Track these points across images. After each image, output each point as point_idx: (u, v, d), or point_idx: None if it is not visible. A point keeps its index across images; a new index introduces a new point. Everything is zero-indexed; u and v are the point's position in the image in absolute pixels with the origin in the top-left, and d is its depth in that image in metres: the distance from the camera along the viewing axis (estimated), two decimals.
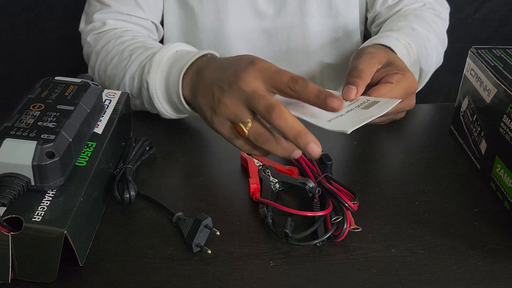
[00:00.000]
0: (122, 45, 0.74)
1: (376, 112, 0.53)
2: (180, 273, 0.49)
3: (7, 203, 0.45)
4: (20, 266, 0.46)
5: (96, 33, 0.79)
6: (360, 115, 0.53)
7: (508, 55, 0.64)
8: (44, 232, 0.45)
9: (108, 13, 0.80)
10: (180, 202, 0.58)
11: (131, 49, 0.71)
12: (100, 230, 0.54)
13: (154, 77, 0.64)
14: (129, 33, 0.77)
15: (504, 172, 0.57)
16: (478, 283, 0.49)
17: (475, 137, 0.65)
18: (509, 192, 0.57)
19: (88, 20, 0.81)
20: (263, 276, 0.49)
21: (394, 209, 0.58)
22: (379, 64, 0.60)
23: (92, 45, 0.78)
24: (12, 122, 0.50)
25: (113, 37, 0.76)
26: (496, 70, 0.61)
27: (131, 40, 0.74)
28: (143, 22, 0.82)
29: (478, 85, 0.64)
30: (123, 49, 0.73)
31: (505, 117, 0.57)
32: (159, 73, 0.64)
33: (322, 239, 0.52)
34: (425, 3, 0.88)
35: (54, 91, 0.55)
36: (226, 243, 0.53)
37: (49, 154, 0.47)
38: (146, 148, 0.64)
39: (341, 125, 0.51)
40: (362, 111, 0.54)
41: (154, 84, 0.64)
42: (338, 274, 0.50)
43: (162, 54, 0.65)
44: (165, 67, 0.64)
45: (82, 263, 0.48)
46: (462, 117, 0.68)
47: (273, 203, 0.54)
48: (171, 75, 0.62)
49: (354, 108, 0.55)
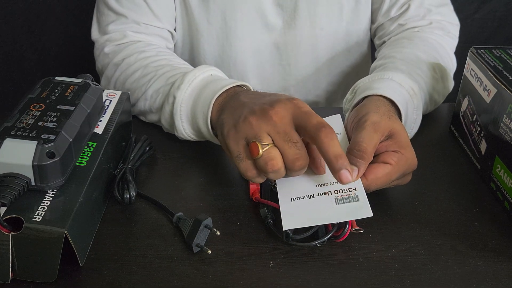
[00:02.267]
0: (145, 60, 0.73)
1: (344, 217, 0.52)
2: (180, 273, 0.49)
3: (7, 203, 0.45)
4: (20, 266, 0.46)
5: (116, 44, 0.77)
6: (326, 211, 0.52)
7: (508, 55, 0.64)
8: (44, 232, 0.45)
9: (125, 24, 0.78)
10: (180, 202, 0.58)
11: (156, 66, 0.71)
12: (100, 230, 0.54)
13: (183, 93, 0.63)
14: (152, 48, 0.76)
15: (504, 172, 0.57)
16: (478, 283, 0.49)
17: (475, 137, 0.64)
18: (509, 192, 0.57)
19: (102, 30, 0.80)
20: (263, 276, 0.49)
21: (394, 209, 0.58)
22: (382, 137, 0.56)
23: (110, 57, 0.77)
24: (13, 122, 0.50)
25: (135, 51, 0.75)
26: (496, 70, 0.61)
27: (155, 56, 0.74)
28: (160, 31, 0.81)
29: (478, 85, 0.64)
30: (146, 64, 0.72)
31: (505, 117, 0.57)
32: (189, 90, 0.63)
33: (323, 240, 0.52)
34: (432, 21, 0.83)
35: (54, 91, 0.55)
36: (226, 243, 0.53)
37: (49, 154, 0.47)
38: (146, 148, 0.64)
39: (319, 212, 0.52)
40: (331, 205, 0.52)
41: (181, 99, 0.63)
42: (338, 274, 0.50)
43: (196, 73, 0.64)
44: (197, 87, 0.63)
45: (82, 263, 0.49)
46: (462, 117, 0.68)
47: (274, 204, 0.54)
48: (202, 95, 0.62)
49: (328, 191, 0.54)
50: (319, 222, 0.52)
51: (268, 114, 0.52)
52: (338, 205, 0.52)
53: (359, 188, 0.53)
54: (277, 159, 0.51)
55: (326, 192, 0.53)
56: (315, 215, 0.52)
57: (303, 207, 0.53)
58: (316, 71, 0.90)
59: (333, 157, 0.50)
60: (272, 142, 0.52)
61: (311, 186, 0.54)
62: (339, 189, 0.53)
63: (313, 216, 0.52)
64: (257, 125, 0.52)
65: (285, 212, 0.52)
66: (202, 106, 0.61)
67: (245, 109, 0.54)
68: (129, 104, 0.66)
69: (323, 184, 0.54)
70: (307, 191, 0.54)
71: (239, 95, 0.59)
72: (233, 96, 0.60)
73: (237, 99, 0.58)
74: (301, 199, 0.53)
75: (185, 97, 0.63)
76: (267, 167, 0.51)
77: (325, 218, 0.52)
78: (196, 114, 0.62)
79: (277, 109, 0.52)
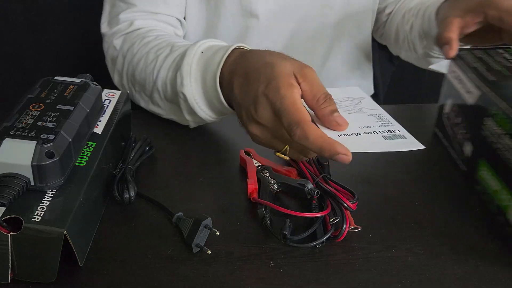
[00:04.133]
0: (146, 46, 0.72)
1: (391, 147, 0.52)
2: (180, 273, 0.49)
3: (7, 203, 0.45)
4: (19, 266, 0.46)
5: (123, 34, 0.77)
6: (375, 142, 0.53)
7: (489, 56, 0.63)
8: (43, 232, 0.45)
9: (135, 12, 0.78)
10: (180, 202, 0.58)
11: (156, 50, 0.70)
12: (100, 230, 0.54)
13: (190, 89, 0.63)
14: (153, 33, 0.76)
15: (490, 175, 0.56)
16: (478, 283, 0.49)
17: (459, 140, 0.63)
18: (494, 195, 0.56)
19: (112, 21, 0.79)
20: (263, 276, 0.49)
21: (394, 209, 0.58)
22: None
23: (118, 48, 0.77)
24: (12, 122, 0.49)
25: (137, 38, 0.75)
26: (477, 72, 0.59)
27: (154, 40, 0.73)
28: (169, 19, 0.81)
29: (460, 87, 0.63)
30: (148, 51, 0.71)
31: (488, 120, 0.56)
32: (193, 82, 0.63)
33: (321, 241, 0.52)
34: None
35: (53, 91, 0.55)
36: (226, 243, 0.53)
37: (48, 154, 0.47)
38: (146, 148, 0.64)
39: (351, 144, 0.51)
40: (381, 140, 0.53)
41: (192, 95, 0.63)
42: (338, 275, 0.50)
43: (189, 60, 0.63)
44: (198, 75, 0.63)
45: (81, 263, 0.48)
46: (447, 119, 0.67)
47: (271, 204, 0.54)
48: (207, 83, 0.62)
49: (374, 131, 0.54)
50: (378, 148, 0.52)
51: (253, 124, 0.55)
52: (387, 140, 0.53)
53: (402, 129, 0.55)
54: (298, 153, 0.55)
55: (372, 131, 0.54)
56: (369, 144, 0.52)
57: (352, 139, 0.52)
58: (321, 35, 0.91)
59: (319, 152, 0.49)
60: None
61: (355, 127, 0.54)
62: (383, 130, 0.54)
63: (367, 144, 0.52)
64: (258, 139, 0.56)
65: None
66: (212, 93, 0.62)
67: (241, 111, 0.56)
68: (128, 104, 0.65)
69: (366, 126, 0.55)
70: (352, 130, 0.53)
71: (234, 80, 0.58)
72: (230, 74, 0.59)
73: (232, 89, 0.58)
74: (348, 136, 0.52)
75: (194, 91, 0.63)
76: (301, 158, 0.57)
77: (380, 147, 0.52)
78: (212, 101, 0.63)
79: (259, 114, 0.53)
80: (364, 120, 0.56)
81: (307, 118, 0.49)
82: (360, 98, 0.61)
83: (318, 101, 0.52)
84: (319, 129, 0.49)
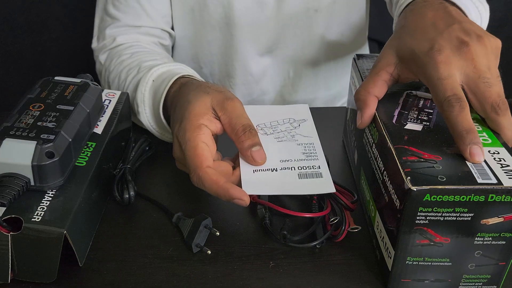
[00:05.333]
0: (121, 65, 0.74)
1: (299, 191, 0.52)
2: (180, 273, 0.49)
3: (7, 203, 0.45)
4: (19, 266, 0.46)
5: (107, 49, 0.79)
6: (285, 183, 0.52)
7: None
8: (43, 232, 0.45)
9: (118, 28, 0.79)
10: (180, 202, 0.58)
11: (128, 70, 0.72)
12: (100, 230, 0.54)
13: (145, 116, 0.66)
14: (130, 50, 0.77)
15: (365, 185, 0.55)
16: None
17: (352, 147, 0.62)
18: (367, 205, 0.54)
19: (100, 36, 0.81)
20: (263, 276, 0.49)
21: None
22: None
23: (102, 64, 0.79)
24: (12, 122, 0.50)
25: (115, 56, 0.77)
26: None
27: (129, 58, 0.74)
28: (153, 31, 0.82)
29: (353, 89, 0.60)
30: (121, 70, 0.73)
31: (366, 128, 0.54)
32: (147, 110, 0.66)
33: (321, 241, 0.52)
34: None
35: (53, 91, 0.55)
36: (226, 243, 0.53)
37: (48, 154, 0.47)
38: (145, 148, 0.64)
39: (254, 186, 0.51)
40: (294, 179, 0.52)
41: (148, 122, 0.66)
42: (338, 274, 0.50)
43: (142, 89, 0.66)
44: (150, 103, 0.66)
45: (81, 263, 0.49)
46: (348, 126, 0.66)
47: (271, 204, 0.54)
48: (157, 113, 0.64)
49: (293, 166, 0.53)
50: (280, 192, 0.52)
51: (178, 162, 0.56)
52: (301, 179, 0.52)
53: (322, 165, 0.53)
54: None
55: (290, 167, 0.53)
56: (277, 185, 0.51)
57: (265, 177, 0.52)
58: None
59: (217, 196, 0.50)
60: None
61: (275, 161, 0.54)
62: (302, 165, 0.53)
63: (275, 185, 0.51)
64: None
65: (246, 180, 0.51)
66: (163, 122, 0.64)
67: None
68: (128, 104, 0.66)
69: (287, 160, 0.54)
70: (270, 165, 0.53)
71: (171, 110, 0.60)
72: (171, 106, 0.61)
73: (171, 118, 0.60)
74: (263, 171, 0.53)
75: (148, 117, 0.66)
76: None
77: (287, 189, 0.52)
78: (165, 127, 0.65)
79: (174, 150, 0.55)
80: (289, 152, 0.55)
81: (203, 164, 0.50)
82: (302, 120, 0.60)
83: (237, 134, 0.53)
84: (215, 175, 0.50)
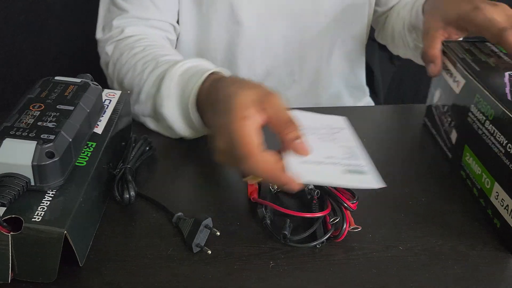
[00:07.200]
0: (134, 58, 0.73)
1: (347, 183, 0.53)
2: (180, 273, 0.49)
3: (7, 203, 0.45)
4: (20, 266, 0.46)
5: (114, 40, 0.77)
6: (332, 175, 0.53)
7: (477, 48, 0.66)
8: (44, 232, 0.45)
9: (126, 19, 0.78)
10: (180, 202, 0.58)
11: (143, 64, 0.71)
12: (100, 230, 0.54)
13: (169, 111, 0.65)
14: (142, 43, 0.76)
15: (473, 160, 0.59)
16: (478, 283, 0.49)
17: (446, 128, 0.66)
18: (477, 179, 0.58)
19: (106, 27, 0.80)
20: (263, 276, 0.49)
21: (394, 209, 0.58)
22: None
23: (110, 55, 0.77)
24: (12, 122, 0.50)
25: (126, 48, 0.75)
26: (464, 62, 0.62)
27: (142, 52, 0.73)
28: (161, 24, 0.81)
29: (448, 77, 0.66)
30: (135, 63, 0.72)
31: (472, 107, 0.59)
32: (172, 104, 0.65)
33: (321, 241, 0.52)
34: None
35: (53, 91, 0.55)
36: (226, 243, 0.53)
37: (49, 154, 0.47)
38: (146, 148, 0.64)
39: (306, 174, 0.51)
40: (339, 173, 0.53)
41: (171, 116, 0.65)
42: (338, 274, 0.50)
43: (168, 83, 0.65)
44: (177, 98, 0.64)
45: (82, 263, 0.48)
46: (435, 109, 0.71)
47: (272, 204, 0.54)
48: (184, 107, 0.64)
49: (338, 162, 0.55)
50: (328, 183, 0.52)
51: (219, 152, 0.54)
52: (346, 174, 0.53)
53: (368, 165, 0.55)
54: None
55: (335, 163, 0.54)
56: (324, 177, 0.52)
57: (311, 169, 0.52)
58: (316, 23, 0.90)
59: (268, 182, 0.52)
60: None
61: (319, 156, 0.54)
62: (347, 163, 0.54)
63: (321, 177, 0.52)
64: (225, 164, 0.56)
65: (292, 170, 0.51)
66: (193, 117, 0.63)
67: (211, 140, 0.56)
68: (129, 103, 0.65)
69: (331, 156, 0.55)
70: (315, 158, 0.54)
71: (205, 111, 0.61)
72: (203, 104, 0.61)
73: (205, 114, 0.61)
74: (309, 164, 0.53)
75: (172, 111, 0.65)
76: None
77: (334, 181, 0.52)
78: (191, 122, 0.64)
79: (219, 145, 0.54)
80: (332, 151, 0.56)
81: (255, 150, 0.50)
82: (340, 128, 0.62)
83: (281, 127, 0.53)
84: (268, 162, 0.50)
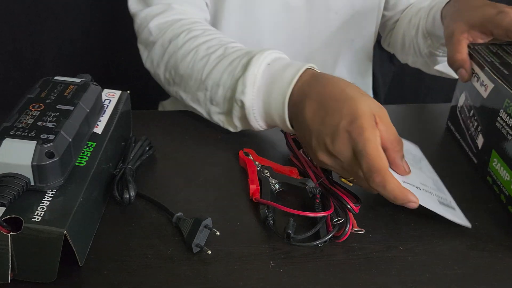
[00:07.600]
0: (194, 41, 0.68)
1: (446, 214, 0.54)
2: (180, 273, 0.49)
3: (7, 203, 0.45)
4: (19, 266, 0.46)
5: (161, 18, 0.72)
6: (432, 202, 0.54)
7: (504, 51, 0.65)
8: (43, 232, 0.45)
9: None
10: (180, 202, 0.58)
11: (207, 48, 0.67)
12: (100, 230, 0.54)
13: (251, 99, 0.61)
14: (199, 26, 0.71)
15: (501, 166, 0.58)
16: (478, 283, 0.49)
17: (472, 132, 0.65)
18: (505, 185, 0.58)
19: (143, 1, 0.75)
20: (263, 276, 0.49)
21: (394, 209, 0.58)
22: None
23: (155, 35, 0.72)
24: (12, 122, 0.49)
25: (182, 30, 0.70)
26: (492, 66, 0.61)
27: (202, 35, 0.69)
28: (199, 3, 0.78)
29: (474, 81, 0.65)
30: (196, 46, 0.68)
31: (501, 112, 0.58)
32: (255, 92, 0.61)
33: (324, 240, 0.52)
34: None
35: (53, 91, 0.55)
36: (226, 243, 0.53)
37: (48, 154, 0.47)
38: (146, 148, 0.64)
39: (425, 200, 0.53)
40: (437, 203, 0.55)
41: (251, 106, 0.62)
42: (338, 275, 0.50)
43: (255, 70, 0.61)
44: (263, 88, 0.61)
45: (81, 263, 0.48)
46: (459, 113, 0.69)
47: (275, 204, 0.54)
48: (272, 97, 0.60)
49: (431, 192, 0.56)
50: (432, 208, 0.53)
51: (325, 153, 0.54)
52: (441, 205, 0.55)
53: (452, 201, 0.58)
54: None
55: (429, 192, 0.55)
56: (428, 200, 0.53)
57: (414, 191, 0.52)
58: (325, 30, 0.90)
59: (391, 199, 0.50)
60: None
61: (417, 182, 0.55)
62: (438, 194, 0.57)
63: (427, 200, 0.53)
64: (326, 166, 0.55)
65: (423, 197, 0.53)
66: (275, 108, 0.60)
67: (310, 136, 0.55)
68: (128, 103, 0.65)
69: (425, 184, 0.56)
70: (413, 181, 0.55)
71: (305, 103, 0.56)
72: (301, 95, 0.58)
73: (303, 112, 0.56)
74: (410, 185, 0.53)
75: (254, 101, 0.62)
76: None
77: (436, 208, 0.53)
78: (271, 115, 0.61)
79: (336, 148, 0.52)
80: (422, 178, 0.57)
81: (386, 166, 0.50)
82: (421, 158, 0.64)
83: (393, 144, 0.52)
84: (396, 179, 0.50)
